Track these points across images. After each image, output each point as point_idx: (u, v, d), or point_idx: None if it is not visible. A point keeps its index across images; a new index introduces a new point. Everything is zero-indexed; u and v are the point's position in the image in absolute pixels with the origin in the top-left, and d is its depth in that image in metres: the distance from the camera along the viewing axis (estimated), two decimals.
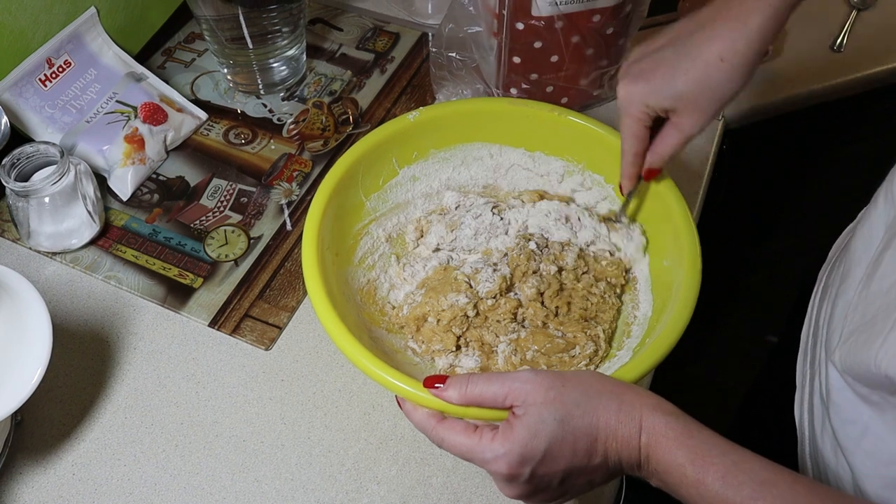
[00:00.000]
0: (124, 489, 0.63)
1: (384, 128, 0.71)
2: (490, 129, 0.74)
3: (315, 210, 0.65)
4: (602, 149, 0.71)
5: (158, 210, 0.80)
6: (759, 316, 1.28)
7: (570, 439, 0.48)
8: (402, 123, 0.71)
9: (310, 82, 0.91)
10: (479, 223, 0.72)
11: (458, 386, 0.52)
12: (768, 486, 0.44)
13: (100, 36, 0.84)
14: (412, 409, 0.54)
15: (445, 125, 0.73)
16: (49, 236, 0.74)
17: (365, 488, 0.63)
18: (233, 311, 0.73)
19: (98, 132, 0.80)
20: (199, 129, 0.87)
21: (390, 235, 0.73)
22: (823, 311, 0.67)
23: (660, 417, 0.48)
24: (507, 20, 0.76)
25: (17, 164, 0.71)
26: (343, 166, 0.68)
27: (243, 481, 0.63)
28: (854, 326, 0.56)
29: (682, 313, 0.59)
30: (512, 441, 0.49)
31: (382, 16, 0.98)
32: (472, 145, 0.75)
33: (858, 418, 0.56)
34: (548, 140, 0.74)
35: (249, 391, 0.68)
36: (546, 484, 0.50)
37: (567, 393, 0.49)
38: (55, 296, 0.73)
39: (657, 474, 0.48)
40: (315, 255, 0.62)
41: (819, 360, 0.65)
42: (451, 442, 0.52)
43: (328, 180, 0.67)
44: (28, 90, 0.79)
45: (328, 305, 0.59)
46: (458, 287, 0.67)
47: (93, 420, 0.66)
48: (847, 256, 0.65)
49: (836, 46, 0.95)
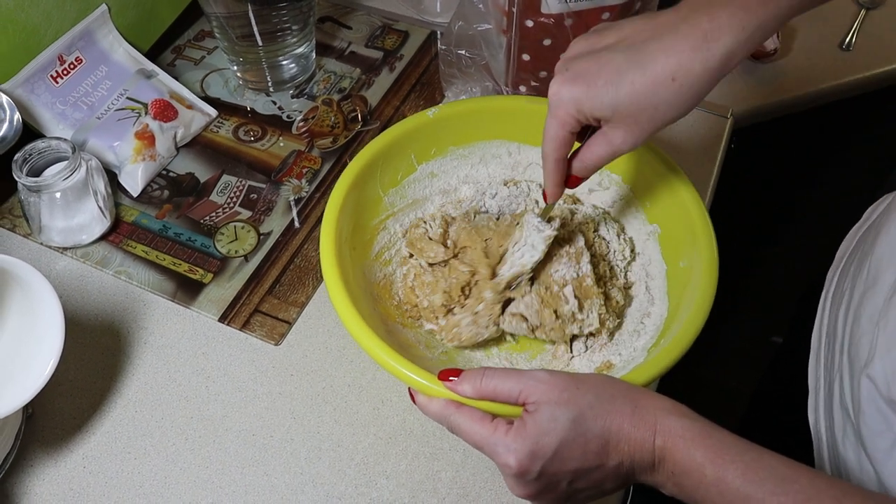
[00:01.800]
0: (134, 482, 0.63)
1: (403, 123, 0.71)
2: (509, 126, 0.74)
3: (334, 202, 0.65)
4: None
5: (168, 206, 0.80)
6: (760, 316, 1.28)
7: (582, 440, 0.48)
8: (421, 119, 0.71)
9: (319, 80, 0.91)
10: (499, 200, 0.73)
11: (472, 380, 0.52)
12: (789, 482, 0.44)
13: (111, 33, 0.85)
14: (427, 402, 0.54)
15: (464, 122, 0.73)
16: (60, 231, 0.75)
17: (374, 482, 0.63)
18: (242, 307, 0.73)
19: (109, 128, 0.81)
20: (209, 126, 0.87)
21: (406, 231, 0.73)
22: (842, 317, 0.65)
23: (675, 420, 0.47)
24: (517, 17, 0.77)
25: (29, 160, 0.71)
26: (362, 160, 0.68)
27: (253, 475, 0.63)
28: (894, 338, 0.55)
29: (698, 315, 0.59)
30: (524, 437, 0.49)
31: (391, 14, 0.99)
32: (491, 143, 0.75)
33: (889, 430, 0.55)
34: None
35: (259, 386, 0.68)
36: (555, 484, 0.50)
37: (581, 395, 0.49)
38: (66, 291, 0.74)
39: (673, 477, 0.47)
40: (333, 247, 0.62)
41: (839, 366, 0.63)
42: (466, 429, 0.52)
43: (348, 173, 0.67)
44: (40, 86, 0.79)
45: (345, 296, 0.59)
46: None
47: (103, 413, 0.67)
48: (871, 261, 0.63)
49: (845, 45, 0.95)
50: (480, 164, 0.76)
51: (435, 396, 0.54)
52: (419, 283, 0.69)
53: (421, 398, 0.55)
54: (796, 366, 0.73)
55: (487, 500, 0.62)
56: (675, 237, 0.68)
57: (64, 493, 0.62)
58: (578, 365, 0.67)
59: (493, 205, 0.74)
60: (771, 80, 0.92)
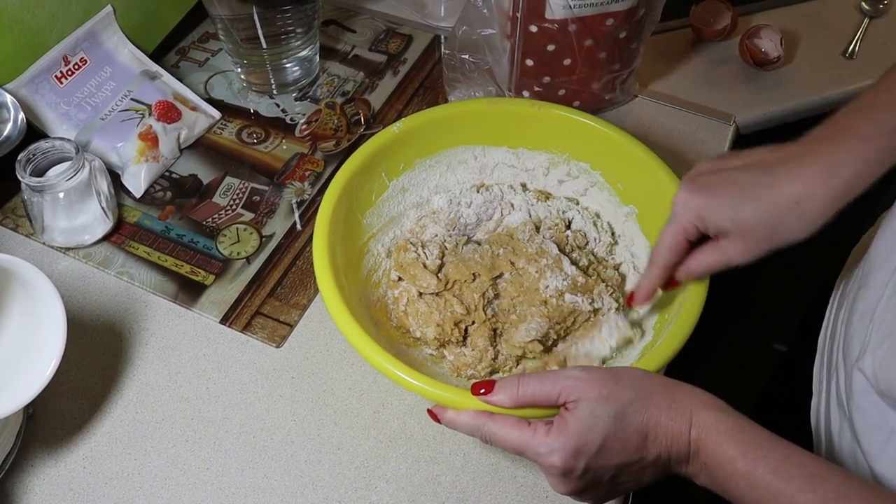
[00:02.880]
0: (134, 483, 0.63)
1: (372, 142, 0.71)
2: (472, 131, 0.74)
3: (319, 237, 0.64)
4: (585, 137, 0.72)
5: (171, 207, 0.80)
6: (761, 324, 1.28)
7: (623, 435, 0.49)
8: (387, 135, 0.71)
9: (323, 83, 0.92)
10: (475, 209, 0.73)
11: (508, 389, 0.52)
12: (819, 480, 0.45)
13: (115, 34, 0.85)
14: (455, 416, 0.54)
15: (428, 132, 0.73)
16: (63, 231, 0.75)
17: (374, 486, 0.63)
18: (244, 309, 0.73)
19: (112, 129, 0.81)
20: (213, 128, 0.87)
21: (389, 250, 0.73)
22: (841, 316, 0.66)
23: (711, 413, 0.48)
24: (521, 23, 0.77)
25: (33, 160, 0.72)
26: (338, 185, 0.67)
27: (252, 477, 0.63)
28: (885, 332, 0.56)
29: (687, 319, 0.60)
30: (567, 435, 0.49)
31: (395, 18, 0.99)
32: (456, 150, 0.75)
33: (884, 423, 0.55)
34: (529, 135, 0.75)
35: (260, 388, 0.68)
36: (598, 479, 0.50)
37: (620, 390, 0.50)
38: (68, 291, 0.74)
39: (706, 469, 0.48)
40: (332, 281, 0.61)
41: (836, 364, 0.64)
42: (502, 437, 0.52)
43: (326, 203, 0.66)
44: (44, 87, 0.80)
45: (359, 329, 0.58)
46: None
47: (104, 414, 0.67)
48: (866, 261, 0.64)
49: (848, 54, 0.95)
50: (448, 171, 0.76)
51: (463, 410, 0.54)
52: (413, 310, 0.68)
53: (449, 414, 0.55)
54: (801, 370, 0.73)
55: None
56: (653, 214, 0.69)
57: (64, 494, 0.62)
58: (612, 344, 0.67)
59: (471, 213, 0.74)
60: (774, 88, 0.92)
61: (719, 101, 0.90)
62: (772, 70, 0.93)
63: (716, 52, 0.96)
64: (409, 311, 0.68)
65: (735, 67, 0.94)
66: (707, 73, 0.94)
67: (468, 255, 0.69)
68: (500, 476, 0.63)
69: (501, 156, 0.76)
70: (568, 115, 0.72)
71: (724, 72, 0.94)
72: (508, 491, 0.63)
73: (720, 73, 0.94)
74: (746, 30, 0.93)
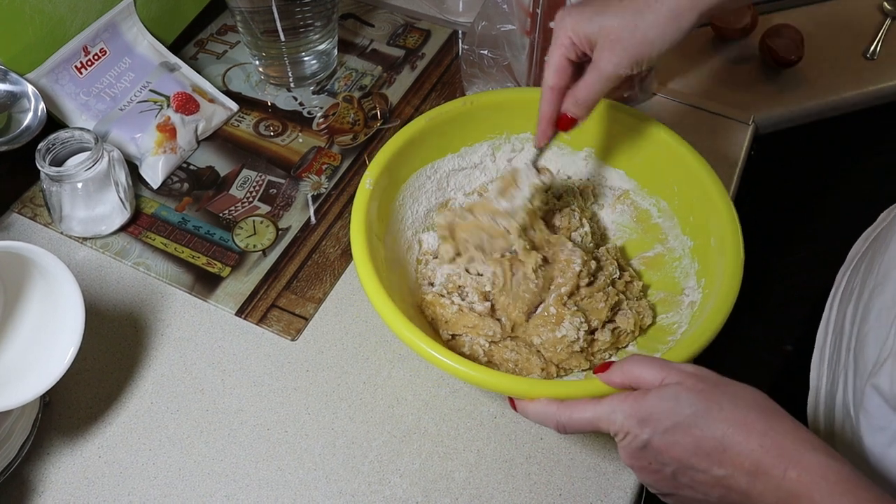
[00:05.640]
0: (149, 473, 0.63)
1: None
2: (417, 155, 0.72)
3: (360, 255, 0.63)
4: (515, 109, 0.73)
5: (188, 199, 0.81)
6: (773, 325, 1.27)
7: (698, 433, 0.46)
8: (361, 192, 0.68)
9: (340, 77, 0.92)
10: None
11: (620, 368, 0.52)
12: None
13: (135, 25, 0.85)
14: (527, 405, 0.54)
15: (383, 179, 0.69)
16: (81, 221, 0.75)
17: (387, 480, 0.63)
18: (260, 301, 0.73)
19: (131, 120, 0.81)
20: (230, 120, 0.87)
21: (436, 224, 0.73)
22: (850, 315, 0.65)
23: (820, 458, 0.44)
24: (541, 19, 0.76)
25: (52, 149, 0.72)
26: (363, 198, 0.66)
27: (266, 469, 0.63)
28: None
29: (724, 304, 0.60)
30: (640, 404, 0.48)
31: (414, 13, 0.99)
32: (410, 180, 0.72)
33: (889, 426, 0.55)
34: (464, 133, 0.74)
35: (274, 380, 0.68)
36: (659, 465, 0.48)
37: (718, 393, 0.47)
38: (85, 280, 0.74)
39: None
40: (380, 286, 0.60)
41: (844, 364, 0.64)
42: (578, 417, 0.51)
43: (358, 205, 0.66)
44: (64, 77, 0.80)
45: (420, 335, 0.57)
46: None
47: (119, 404, 0.67)
48: (883, 260, 0.63)
49: (869, 54, 0.94)
50: (414, 203, 0.73)
51: (535, 398, 0.54)
52: (464, 324, 0.67)
53: (521, 403, 0.55)
54: (801, 366, 0.72)
55: (501, 501, 0.62)
56: (699, 222, 0.69)
57: (79, 482, 0.63)
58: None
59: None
60: (793, 88, 0.91)
61: (738, 101, 0.90)
62: (792, 70, 0.92)
63: (735, 51, 0.95)
64: (460, 325, 0.67)
65: (755, 67, 0.93)
66: (726, 71, 0.93)
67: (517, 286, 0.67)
68: (513, 473, 0.63)
69: (449, 164, 0.75)
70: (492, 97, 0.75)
71: (744, 71, 0.93)
72: (522, 489, 0.63)
73: (740, 72, 0.93)
74: (766, 29, 0.92)
